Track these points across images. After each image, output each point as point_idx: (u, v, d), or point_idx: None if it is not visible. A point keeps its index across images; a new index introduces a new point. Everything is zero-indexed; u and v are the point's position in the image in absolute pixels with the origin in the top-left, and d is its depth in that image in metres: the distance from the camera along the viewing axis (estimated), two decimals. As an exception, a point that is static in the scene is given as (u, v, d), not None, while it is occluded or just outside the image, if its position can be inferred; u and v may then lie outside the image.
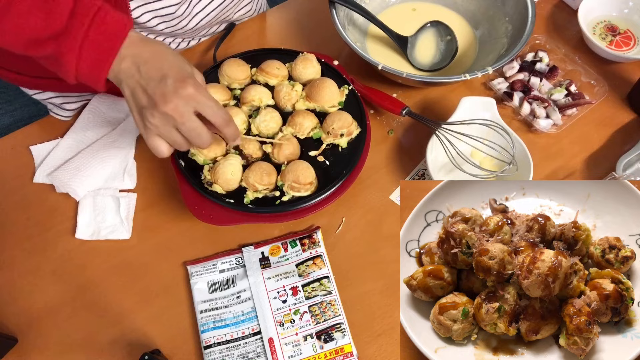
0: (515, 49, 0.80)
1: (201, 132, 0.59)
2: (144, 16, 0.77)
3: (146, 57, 0.58)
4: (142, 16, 0.77)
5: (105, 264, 0.73)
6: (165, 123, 0.58)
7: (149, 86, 0.57)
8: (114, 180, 0.78)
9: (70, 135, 0.81)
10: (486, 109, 0.78)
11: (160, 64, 0.58)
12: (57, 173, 0.76)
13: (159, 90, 0.56)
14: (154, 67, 0.57)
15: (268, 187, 0.70)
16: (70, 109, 0.85)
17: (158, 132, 0.59)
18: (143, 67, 0.57)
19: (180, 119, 0.57)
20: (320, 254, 0.72)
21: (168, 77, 0.57)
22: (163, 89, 0.56)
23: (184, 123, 0.58)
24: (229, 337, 0.67)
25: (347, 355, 0.65)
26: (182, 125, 0.58)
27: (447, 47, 0.89)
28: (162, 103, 0.56)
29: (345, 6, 0.85)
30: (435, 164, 0.75)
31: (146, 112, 0.57)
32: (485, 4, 0.91)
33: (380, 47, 0.92)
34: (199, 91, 0.58)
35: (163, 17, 0.80)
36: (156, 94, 0.56)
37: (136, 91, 0.58)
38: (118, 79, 0.59)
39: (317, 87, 0.76)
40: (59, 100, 0.85)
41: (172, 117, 0.57)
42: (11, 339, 0.67)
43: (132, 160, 0.80)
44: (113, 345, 0.68)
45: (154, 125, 0.58)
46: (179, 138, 0.59)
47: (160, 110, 0.56)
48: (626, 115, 0.86)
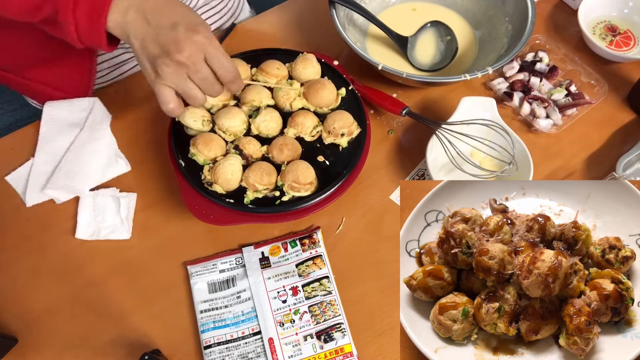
0: (515, 49, 0.80)
1: (214, 81, 0.59)
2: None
3: (152, 6, 0.57)
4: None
5: (105, 264, 0.73)
6: (178, 72, 0.56)
7: (160, 35, 0.56)
8: (108, 169, 0.78)
9: (40, 151, 0.79)
10: (486, 109, 0.78)
11: (169, 12, 0.57)
12: (51, 184, 0.75)
13: (171, 37, 0.55)
14: (164, 15, 0.56)
15: (268, 187, 0.70)
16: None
17: (171, 82, 0.57)
18: (151, 16, 0.56)
19: (193, 67, 0.56)
20: (320, 254, 0.72)
21: (179, 24, 0.56)
22: (175, 36, 0.55)
23: (198, 71, 0.57)
24: (229, 337, 0.67)
25: (347, 355, 0.65)
26: (195, 73, 0.57)
27: (447, 47, 0.89)
28: (175, 51, 0.55)
29: (345, 6, 0.85)
30: (435, 164, 0.75)
31: (159, 61, 0.56)
32: (485, 4, 0.91)
33: (380, 47, 0.92)
34: (209, 38, 0.57)
35: None
36: (169, 42, 0.55)
37: (146, 41, 0.56)
38: (125, 31, 0.57)
39: (314, 88, 0.76)
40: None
41: (186, 65, 0.56)
42: (11, 339, 0.67)
43: (116, 147, 0.80)
44: (113, 345, 0.68)
45: (167, 75, 0.56)
46: (192, 87, 0.58)
47: (174, 58, 0.55)
48: (626, 115, 0.86)
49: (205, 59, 0.57)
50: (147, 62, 0.58)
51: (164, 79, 0.57)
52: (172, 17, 0.56)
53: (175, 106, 0.59)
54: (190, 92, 0.58)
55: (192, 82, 0.58)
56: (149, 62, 0.57)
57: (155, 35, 0.56)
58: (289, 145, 0.72)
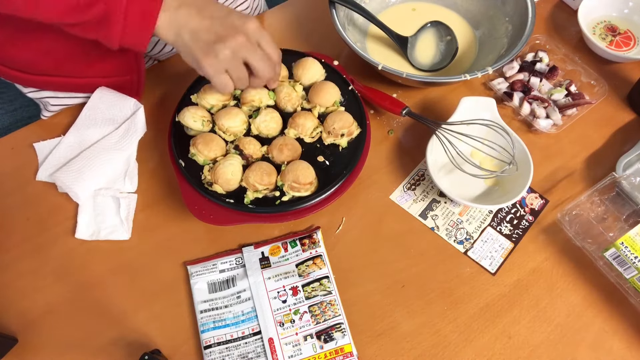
0: (515, 49, 0.80)
1: (265, 65, 0.64)
2: None
3: (199, 4, 0.61)
4: None
5: (106, 264, 0.73)
6: (236, 55, 0.62)
7: (215, 23, 0.60)
8: (114, 182, 0.77)
9: (72, 133, 0.81)
10: (486, 109, 0.78)
11: (219, 6, 0.62)
12: (59, 174, 0.76)
13: (227, 24, 0.61)
14: (215, 8, 0.62)
15: (268, 187, 0.70)
16: (52, 110, 0.85)
17: (228, 66, 0.62)
18: (203, 10, 0.61)
19: (252, 48, 0.62)
20: (320, 254, 0.72)
21: (232, 13, 0.62)
22: (232, 22, 0.61)
23: (255, 50, 0.62)
24: (229, 337, 0.67)
25: (347, 355, 0.65)
26: (253, 53, 0.62)
27: (447, 47, 0.89)
28: (233, 35, 0.60)
29: (345, 6, 0.85)
30: (435, 164, 0.75)
31: (217, 46, 0.60)
32: (486, 4, 0.91)
33: (381, 47, 0.92)
34: (260, 27, 0.63)
35: None
36: (226, 28, 0.60)
37: (200, 32, 0.61)
38: (174, 28, 0.61)
39: (318, 88, 0.77)
40: (51, 100, 0.85)
41: (244, 47, 0.61)
42: (11, 339, 0.67)
43: (134, 163, 0.79)
44: (113, 345, 0.68)
45: (226, 58, 0.61)
46: (245, 72, 0.64)
47: (232, 42, 0.60)
48: (626, 115, 0.86)
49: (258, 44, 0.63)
50: (199, 51, 0.61)
51: (220, 62, 0.61)
52: (224, 9, 0.62)
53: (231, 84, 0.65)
54: (243, 77, 0.65)
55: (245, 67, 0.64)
56: (202, 51, 0.61)
57: (210, 26, 0.61)
58: (288, 145, 0.72)
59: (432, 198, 0.78)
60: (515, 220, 0.76)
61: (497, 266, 0.73)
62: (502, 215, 0.77)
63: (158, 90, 0.88)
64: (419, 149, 0.78)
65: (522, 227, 0.76)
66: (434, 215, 0.77)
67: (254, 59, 0.63)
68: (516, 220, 0.76)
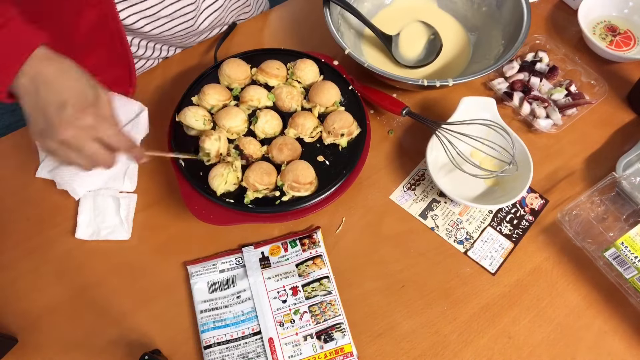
0: (510, 52, 0.79)
1: (99, 157, 0.58)
2: (129, 18, 0.77)
3: (46, 77, 0.55)
4: (128, 18, 0.77)
5: (105, 264, 0.73)
6: (63, 148, 0.56)
7: (48, 111, 0.54)
8: (114, 181, 0.77)
9: None
10: (486, 109, 0.78)
11: (60, 87, 0.55)
12: (58, 170, 0.76)
13: (57, 118, 0.54)
14: (54, 90, 0.55)
15: (268, 187, 0.70)
16: None
17: (57, 156, 0.57)
18: (42, 88, 0.55)
19: (77, 146, 0.56)
20: (320, 254, 0.72)
21: (67, 104, 0.54)
22: (61, 117, 0.54)
23: (83, 149, 0.56)
24: (229, 337, 0.67)
25: (347, 355, 0.65)
26: (81, 150, 0.56)
27: (432, 45, 0.89)
28: (60, 131, 0.54)
29: (337, 4, 0.85)
30: (435, 164, 0.75)
31: (44, 135, 0.55)
32: (481, 8, 0.91)
33: (374, 47, 0.91)
34: (98, 121, 0.56)
35: (149, 17, 0.79)
36: (54, 121, 0.54)
37: (34, 113, 0.55)
38: (17, 93, 0.56)
39: (318, 88, 0.76)
40: None
41: (71, 144, 0.55)
42: (11, 339, 0.67)
43: (134, 163, 0.79)
44: (113, 345, 0.68)
45: (52, 149, 0.56)
46: (79, 161, 0.58)
47: (58, 138, 0.54)
48: (626, 115, 0.86)
49: (97, 138, 0.57)
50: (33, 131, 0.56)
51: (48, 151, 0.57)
52: (62, 94, 0.55)
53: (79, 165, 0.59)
54: (76, 164, 0.58)
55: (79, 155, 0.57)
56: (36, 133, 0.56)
57: (43, 110, 0.54)
58: (288, 145, 0.72)
59: (432, 198, 0.78)
60: (515, 220, 0.76)
61: (497, 266, 0.73)
62: (502, 215, 0.77)
63: (158, 91, 0.88)
64: (419, 149, 0.78)
65: (522, 227, 0.76)
66: (434, 215, 0.77)
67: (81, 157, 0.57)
68: (516, 220, 0.76)
